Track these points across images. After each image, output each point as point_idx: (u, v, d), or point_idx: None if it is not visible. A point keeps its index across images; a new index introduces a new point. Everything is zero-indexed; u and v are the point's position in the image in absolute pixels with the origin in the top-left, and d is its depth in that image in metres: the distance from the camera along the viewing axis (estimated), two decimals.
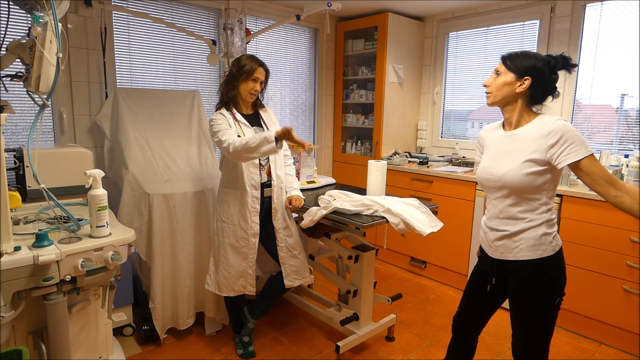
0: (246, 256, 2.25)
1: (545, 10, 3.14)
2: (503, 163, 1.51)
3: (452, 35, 3.80)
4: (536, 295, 1.49)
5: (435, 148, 4.02)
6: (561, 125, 1.39)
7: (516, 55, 1.51)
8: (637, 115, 2.82)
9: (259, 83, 2.18)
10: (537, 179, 1.44)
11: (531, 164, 1.44)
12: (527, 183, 1.45)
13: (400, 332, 2.65)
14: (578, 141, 1.38)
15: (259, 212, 2.24)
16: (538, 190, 1.46)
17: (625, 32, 2.80)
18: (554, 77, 1.49)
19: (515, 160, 1.47)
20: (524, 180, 1.45)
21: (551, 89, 1.51)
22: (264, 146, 1.92)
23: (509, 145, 1.51)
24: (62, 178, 2.03)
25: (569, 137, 1.38)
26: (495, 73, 1.54)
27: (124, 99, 2.59)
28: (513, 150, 1.49)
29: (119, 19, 2.81)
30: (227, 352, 2.40)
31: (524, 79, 1.47)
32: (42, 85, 1.37)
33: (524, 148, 1.46)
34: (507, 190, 1.50)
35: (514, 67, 1.49)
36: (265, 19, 3.59)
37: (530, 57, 1.48)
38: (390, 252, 3.78)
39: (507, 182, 1.49)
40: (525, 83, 1.47)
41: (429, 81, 4.00)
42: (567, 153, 1.38)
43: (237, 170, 2.19)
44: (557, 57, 1.48)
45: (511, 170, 1.47)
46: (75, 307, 1.62)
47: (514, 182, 1.47)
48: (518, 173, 1.45)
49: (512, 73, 1.49)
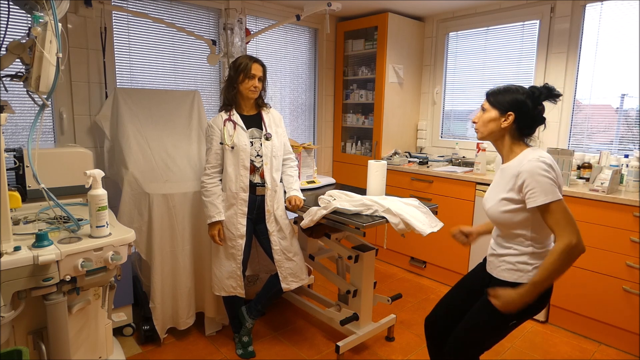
0: (234, 257, 2.26)
1: (545, 10, 3.14)
2: (490, 197, 1.57)
3: (452, 35, 3.80)
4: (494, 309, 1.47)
5: (435, 148, 4.02)
6: (529, 168, 1.39)
7: (499, 90, 1.53)
8: (637, 115, 2.82)
9: (256, 79, 2.19)
10: (513, 216, 1.47)
11: (506, 203, 1.47)
12: (505, 219, 1.49)
13: (400, 332, 2.65)
14: (539, 187, 1.37)
15: (246, 214, 2.24)
16: (519, 226, 1.48)
17: (625, 32, 2.80)
18: (539, 108, 1.50)
19: (496, 197, 1.52)
20: (502, 217, 1.50)
21: (538, 120, 1.51)
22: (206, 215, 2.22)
23: (499, 178, 1.55)
24: (62, 178, 2.03)
25: (531, 181, 1.38)
26: (481, 109, 1.58)
27: (124, 99, 2.60)
28: (498, 185, 1.54)
29: (119, 19, 2.81)
30: (227, 352, 2.40)
31: (508, 115, 1.49)
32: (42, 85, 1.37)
33: (503, 185, 1.50)
34: (494, 223, 1.58)
35: (496, 104, 1.51)
36: (265, 19, 3.59)
37: (512, 92, 1.50)
38: (390, 252, 3.78)
39: (491, 217, 1.56)
40: (509, 118, 1.49)
41: (429, 81, 4.00)
42: (529, 197, 1.40)
43: (226, 172, 2.21)
44: (541, 88, 1.50)
45: (492, 207, 1.53)
46: (75, 307, 1.62)
47: (494, 217, 1.54)
48: (496, 210, 1.51)
49: (496, 109, 1.51)
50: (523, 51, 3.33)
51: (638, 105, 2.80)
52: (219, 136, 2.21)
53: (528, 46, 3.29)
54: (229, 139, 2.18)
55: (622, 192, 2.53)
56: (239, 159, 2.19)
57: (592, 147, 3.03)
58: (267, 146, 2.24)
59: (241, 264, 2.27)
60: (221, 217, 2.21)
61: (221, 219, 2.21)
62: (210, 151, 2.23)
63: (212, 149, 2.23)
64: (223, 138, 2.19)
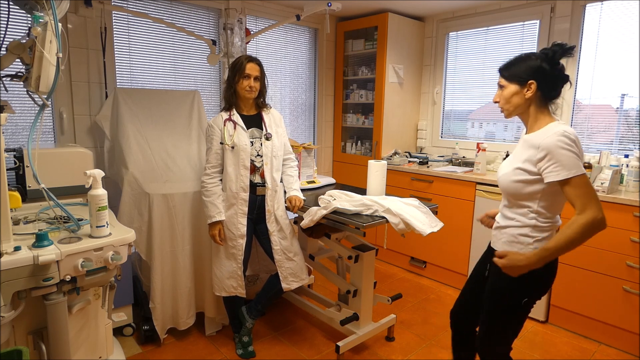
0: (235, 257, 2.26)
1: (545, 10, 3.14)
2: (505, 166, 1.55)
3: (452, 35, 3.80)
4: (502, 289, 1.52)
5: (435, 148, 4.02)
6: (552, 142, 1.36)
7: (511, 63, 1.50)
8: (637, 115, 2.82)
9: (252, 79, 2.18)
10: (524, 187, 1.45)
11: (520, 172, 1.45)
12: (515, 189, 1.47)
13: (400, 332, 2.65)
14: (562, 161, 1.34)
15: (246, 214, 2.24)
16: (528, 198, 1.46)
17: (625, 32, 2.80)
18: (558, 67, 1.45)
19: (510, 166, 1.50)
20: (511, 187, 1.48)
21: (561, 79, 1.46)
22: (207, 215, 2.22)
23: (519, 148, 1.52)
24: (62, 178, 2.03)
25: (554, 155, 1.35)
26: (499, 87, 1.54)
27: (124, 99, 2.60)
28: (516, 155, 1.51)
29: (119, 19, 2.81)
30: (227, 352, 2.40)
31: (529, 84, 1.45)
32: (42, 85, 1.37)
33: (520, 155, 1.47)
34: (502, 192, 1.57)
35: (513, 77, 1.47)
36: (265, 19, 3.59)
37: (524, 60, 1.47)
38: (390, 252, 3.78)
39: (500, 185, 1.55)
40: (532, 87, 1.44)
41: (429, 81, 4.00)
42: (550, 171, 1.37)
43: (227, 172, 2.21)
44: (553, 47, 1.46)
45: (504, 174, 1.52)
46: (75, 307, 1.62)
47: (504, 186, 1.52)
48: (508, 178, 1.49)
49: (514, 83, 1.47)
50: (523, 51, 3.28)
51: (638, 105, 2.80)
52: (219, 136, 2.21)
53: (528, 46, 3.29)
54: (229, 139, 2.18)
55: (622, 192, 2.53)
56: (240, 159, 2.19)
57: (592, 147, 3.03)
58: (267, 146, 2.24)
59: (242, 264, 2.27)
60: (221, 217, 2.21)
61: (222, 219, 2.21)
62: (211, 151, 2.23)
63: (212, 148, 2.23)
64: (223, 138, 2.19)
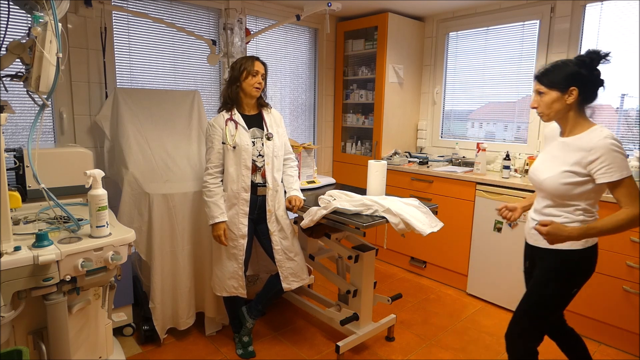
0: (236, 257, 2.26)
1: (545, 10, 3.14)
2: (547, 168, 1.60)
3: (452, 35, 3.80)
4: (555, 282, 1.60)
5: (435, 148, 4.02)
6: (604, 145, 1.44)
7: (549, 70, 1.55)
8: (637, 115, 2.82)
9: (259, 76, 2.20)
10: (574, 188, 1.52)
11: (570, 175, 1.51)
12: (564, 191, 1.54)
13: (400, 332, 2.65)
14: (616, 163, 1.43)
15: (247, 214, 2.24)
16: (575, 198, 1.54)
17: (625, 32, 2.80)
18: (596, 73, 1.52)
19: (557, 169, 1.55)
20: (560, 189, 1.54)
21: (598, 84, 1.53)
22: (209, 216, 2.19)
23: (559, 151, 1.59)
24: (62, 178, 2.03)
25: (607, 158, 1.44)
26: (537, 94, 1.59)
27: (124, 99, 2.59)
28: (559, 158, 1.57)
29: (119, 19, 2.81)
30: (227, 352, 2.40)
31: (571, 90, 1.51)
32: (42, 85, 1.37)
33: (568, 158, 1.53)
34: (546, 194, 1.62)
35: (554, 83, 1.53)
36: (265, 19, 3.59)
37: (563, 67, 1.52)
38: (390, 252, 3.78)
39: (546, 188, 1.59)
40: (573, 93, 1.51)
41: (429, 81, 4.00)
42: (603, 173, 1.45)
43: (228, 172, 2.21)
44: (589, 54, 1.51)
45: (551, 177, 1.56)
46: (75, 307, 1.62)
47: (551, 188, 1.57)
48: (556, 181, 1.55)
49: (555, 89, 1.53)
50: (523, 51, 3.33)
51: (638, 105, 2.80)
52: (220, 135, 2.21)
53: (528, 46, 3.29)
54: (230, 139, 2.18)
55: None
56: (241, 159, 2.19)
57: None
58: (268, 146, 2.24)
59: (243, 264, 2.27)
60: (224, 217, 2.21)
61: (225, 220, 2.21)
62: (212, 150, 2.23)
63: (214, 148, 2.22)
64: (225, 137, 2.19)
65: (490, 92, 3.59)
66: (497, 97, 3.56)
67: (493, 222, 2.97)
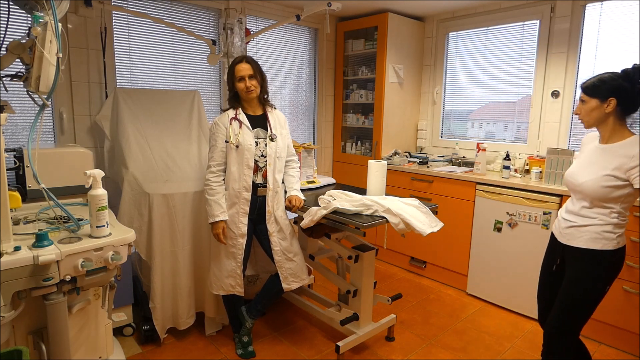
0: (235, 256, 2.26)
1: (545, 10, 3.14)
2: (585, 172, 1.69)
3: (452, 35, 3.80)
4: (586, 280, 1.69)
5: (435, 148, 4.02)
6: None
7: (594, 81, 1.68)
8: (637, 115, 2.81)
9: (247, 78, 2.18)
10: (613, 191, 1.62)
11: (611, 179, 1.61)
12: (603, 194, 1.63)
13: (400, 332, 2.65)
14: None
15: (247, 214, 2.24)
16: (613, 200, 1.63)
17: (625, 32, 2.80)
18: (638, 86, 1.62)
19: (597, 173, 1.65)
20: (600, 192, 1.63)
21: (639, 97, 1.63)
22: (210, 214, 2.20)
23: (597, 157, 1.69)
24: (62, 178, 2.03)
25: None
26: (580, 101, 1.72)
27: (124, 99, 2.60)
28: (598, 163, 1.67)
29: (119, 19, 2.81)
30: (227, 352, 2.40)
31: (609, 100, 1.63)
32: (42, 85, 1.37)
33: (609, 163, 1.63)
34: (584, 196, 1.70)
35: (595, 93, 1.66)
36: (265, 19, 3.59)
37: (607, 80, 1.65)
38: (390, 252, 3.78)
39: (585, 190, 1.68)
40: (612, 103, 1.63)
41: (429, 81, 4.00)
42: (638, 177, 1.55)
43: (230, 171, 2.21)
44: (634, 68, 1.62)
45: (590, 180, 1.66)
46: (75, 307, 1.63)
47: (590, 191, 1.66)
48: (596, 184, 1.64)
49: (596, 98, 1.66)
50: (523, 51, 3.33)
51: None
52: (224, 134, 2.20)
53: (528, 46, 3.29)
54: (234, 138, 2.18)
55: None
56: (244, 159, 2.19)
57: None
58: (271, 147, 2.24)
59: (241, 263, 2.27)
60: (225, 216, 2.21)
61: (225, 219, 2.21)
62: (216, 148, 2.22)
63: (217, 146, 2.22)
64: (229, 136, 2.19)
65: (490, 92, 3.59)
66: (497, 97, 3.56)
67: (493, 222, 2.97)
